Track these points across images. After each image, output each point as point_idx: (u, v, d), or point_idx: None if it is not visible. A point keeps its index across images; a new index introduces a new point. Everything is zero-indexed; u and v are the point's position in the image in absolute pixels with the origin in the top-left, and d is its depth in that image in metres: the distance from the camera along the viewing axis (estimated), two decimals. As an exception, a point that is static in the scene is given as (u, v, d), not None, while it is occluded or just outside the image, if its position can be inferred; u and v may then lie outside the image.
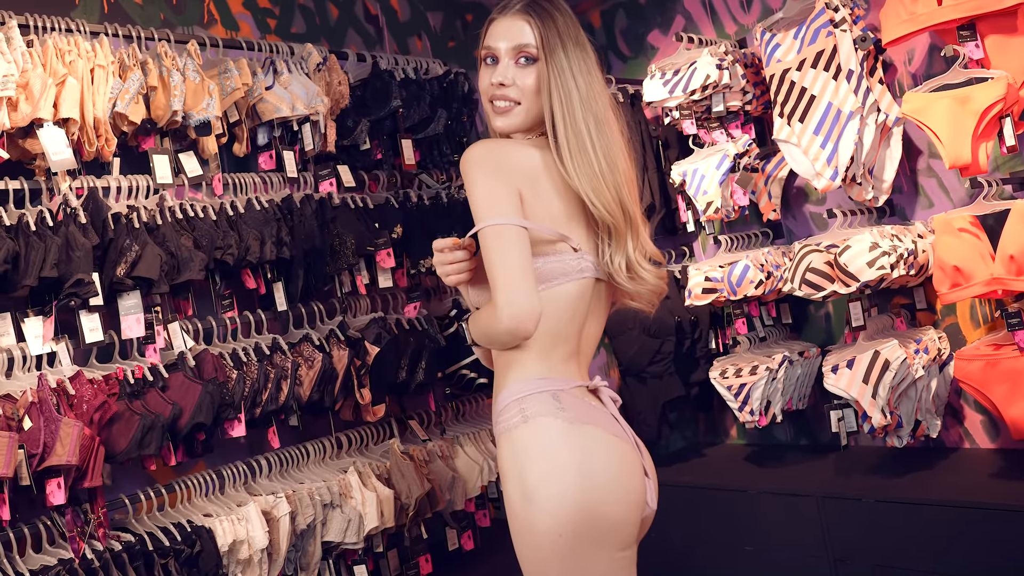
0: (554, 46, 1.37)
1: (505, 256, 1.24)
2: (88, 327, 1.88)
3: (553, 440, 1.26)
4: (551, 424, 1.27)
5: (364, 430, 2.41)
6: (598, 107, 1.37)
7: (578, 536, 1.21)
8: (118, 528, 1.96)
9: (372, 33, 2.89)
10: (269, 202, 2.21)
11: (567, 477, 1.23)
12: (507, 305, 1.22)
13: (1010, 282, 2.12)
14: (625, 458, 1.28)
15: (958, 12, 2.21)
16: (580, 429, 1.27)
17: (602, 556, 1.23)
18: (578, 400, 1.32)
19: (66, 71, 1.86)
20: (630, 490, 1.27)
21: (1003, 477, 2.32)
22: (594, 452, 1.26)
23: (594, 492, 1.23)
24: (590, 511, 1.23)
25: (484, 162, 1.30)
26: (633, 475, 1.29)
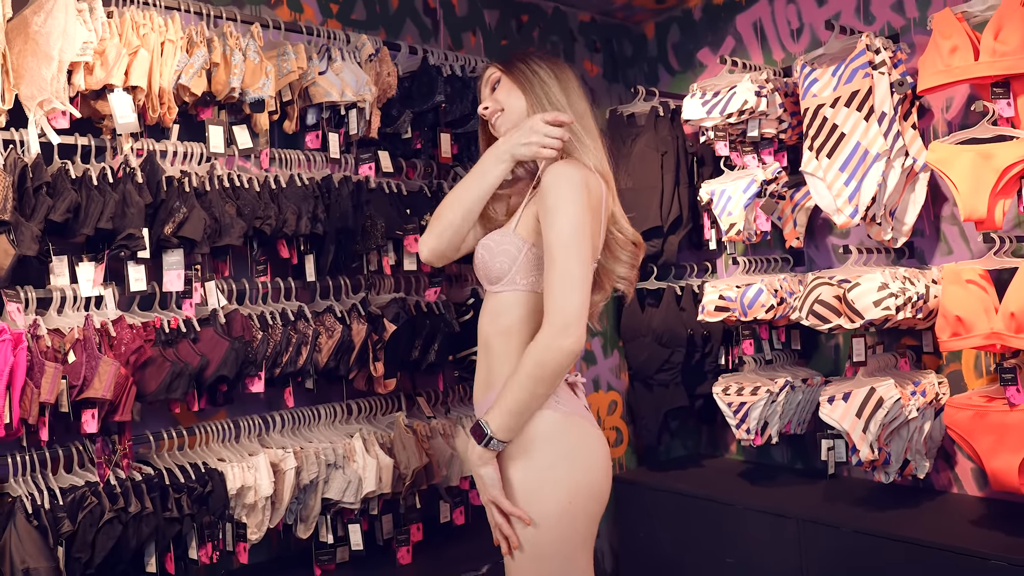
0: (511, 68, 1.63)
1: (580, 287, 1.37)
2: (134, 277, 2.06)
3: (556, 429, 1.44)
4: (550, 416, 1.44)
5: (374, 400, 2.57)
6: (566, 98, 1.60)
7: (588, 515, 1.45)
8: (141, 461, 2.15)
9: (428, 25, 3.01)
10: (310, 180, 2.37)
11: (571, 462, 1.44)
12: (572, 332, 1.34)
13: (1008, 338, 2.17)
14: (604, 445, 1.51)
15: (993, 69, 2.24)
16: (572, 419, 1.47)
17: (592, 524, 1.48)
18: (567, 394, 1.50)
19: (139, 43, 2.03)
20: (609, 470, 1.51)
21: (982, 525, 2.37)
22: (587, 439, 1.47)
23: (592, 475, 1.46)
24: (590, 493, 1.45)
25: (582, 188, 1.43)
26: (608, 457, 1.51)
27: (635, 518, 3.15)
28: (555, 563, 1.43)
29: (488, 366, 1.55)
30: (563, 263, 1.38)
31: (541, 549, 1.41)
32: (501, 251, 1.52)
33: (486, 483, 1.43)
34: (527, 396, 1.38)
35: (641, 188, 3.19)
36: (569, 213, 1.40)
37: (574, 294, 1.36)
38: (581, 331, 1.36)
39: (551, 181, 1.45)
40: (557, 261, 1.38)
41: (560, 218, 1.40)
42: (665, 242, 3.20)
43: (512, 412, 1.39)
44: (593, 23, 3.62)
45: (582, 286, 1.38)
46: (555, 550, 1.42)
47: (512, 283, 1.51)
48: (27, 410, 1.84)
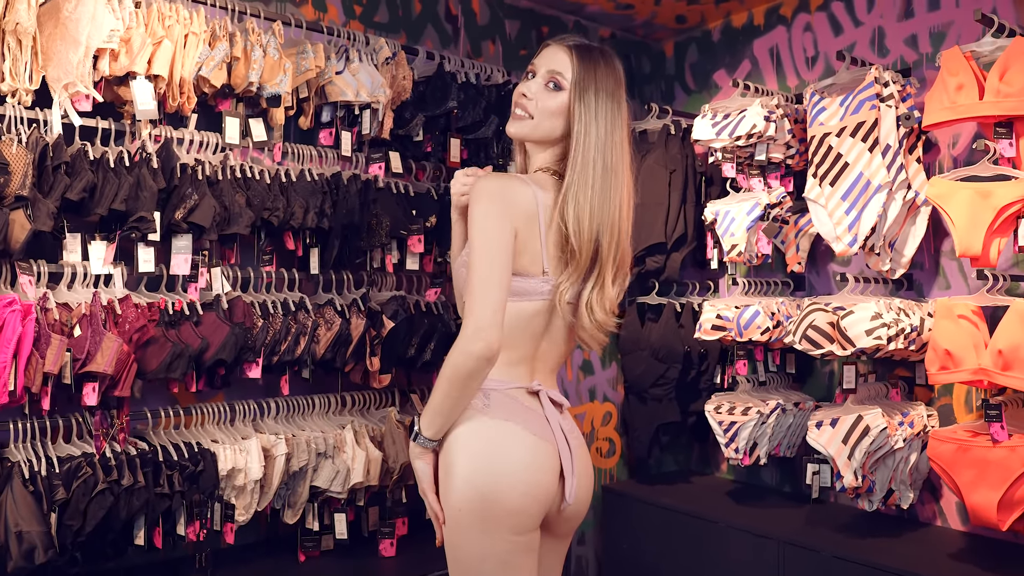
0: (586, 87, 1.52)
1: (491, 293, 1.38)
2: (143, 258, 2.14)
3: (472, 431, 1.43)
4: (474, 417, 1.44)
5: (369, 394, 2.62)
6: (613, 156, 1.51)
7: (475, 513, 1.39)
8: (137, 436, 2.22)
9: (449, 32, 3.08)
10: (320, 175, 2.43)
11: (473, 463, 1.41)
12: (483, 336, 1.35)
13: (995, 375, 2.19)
14: (538, 455, 1.44)
15: (996, 109, 2.27)
16: (498, 424, 1.43)
17: (497, 535, 1.40)
18: (509, 399, 1.47)
19: (164, 34, 2.11)
20: (534, 484, 1.42)
21: (960, 559, 2.39)
22: (504, 445, 1.42)
23: (493, 478, 1.40)
24: (487, 494, 1.39)
25: (494, 198, 1.42)
26: (542, 471, 1.44)
27: (620, 529, 3.18)
28: (465, 564, 1.42)
29: None
30: (475, 271, 1.39)
31: (451, 546, 1.44)
32: (457, 275, 1.57)
33: (419, 476, 1.47)
34: (443, 397, 1.41)
35: (648, 204, 3.23)
36: (478, 223, 1.41)
37: (485, 300, 1.37)
38: (492, 336, 1.36)
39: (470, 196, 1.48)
40: (471, 269, 1.40)
41: (473, 228, 1.42)
42: (668, 258, 3.24)
43: (434, 411, 1.43)
44: (613, 38, 3.67)
45: (492, 292, 1.38)
46: (463, 552, 1.42)
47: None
48: (31, 379, 1.92)
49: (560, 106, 1.52)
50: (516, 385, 1.50)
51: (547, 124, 1.53)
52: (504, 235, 1.42)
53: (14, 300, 1.90)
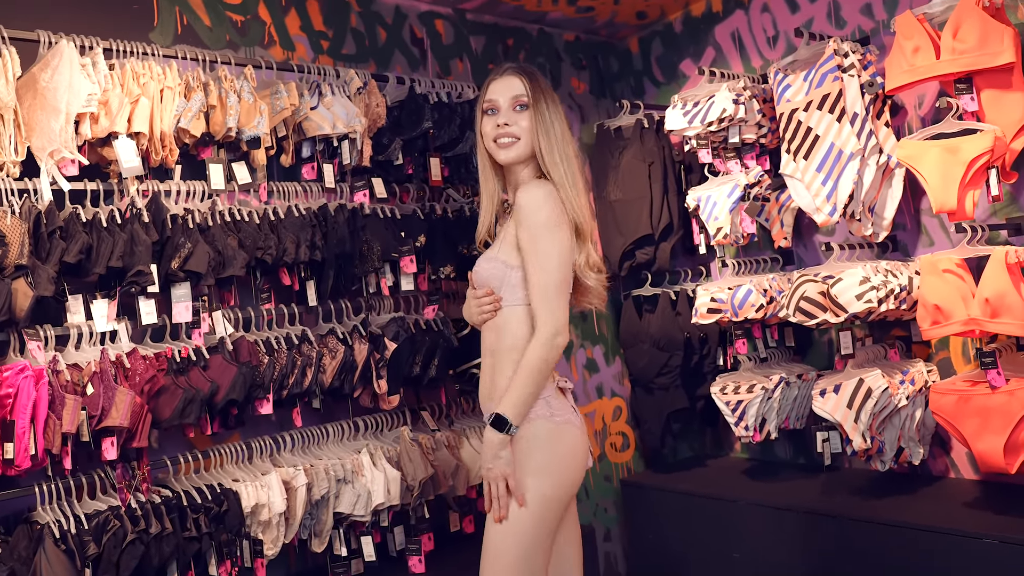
0: (538, 98, 1.80)
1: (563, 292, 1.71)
2: (145, 311, 2.19)
3: (548, 437, 1.72)
4: (545, 425, 1.73)
5: (380, 416, 2.67)
6: (568, 147, 1.81)
7: (558, 500, 1.72)
8: (159, 484, 2.26)
9: (416, 55, 3.14)
10: (307, 209, 2.49)
11: (553, 466, 1.71)
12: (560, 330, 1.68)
13: (985, 323, 2.24)
14: (585, 443, 1.77)
15: (953, 67, 2.33)
16: (564, 429, 1.73)
17: (560, 511, 1.74)
18: (559, 401, 1.76)
19: (140, 91, 2.17)
20: (584, 466, 1.78)
21: (977, 507, 2.43)
22: (575, 446, 1.74)
23: (571, 472, 1.74)
24: (566, 485, 1.73)
25: (556, 204, 1.72)
26: (587, 454, 1.79)
27: (643, 521, 3.22)
28: (528, 540, 1.69)
29: (492, 376, 1.79)
30: (551, 274, 1.69)
31: (523, 526, 1.68)
32: (489, 275, 1.80)
33: (504, 462, 1.68)
34: (532, 389, 1.69)
35: (631, 199, 3.29)
36: (550, 229, 1.70)
37: (562, 302, 1.70)
38: (567, 333, 1.71)
39: (522, 198, 1.72)
40: (545, 271, 1.69)
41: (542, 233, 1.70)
42: (657, 249, 3.30)
43: (523, 403, 1.69)
44: (578, 42, 3.73)
45: (566, 294, 1.73)
46: (533, 530, 1.69)
47: (505, 301, 1.77)
48: (51, 441, 1.96)
49: (531, 122, 1.79)
50: (554, 386, 1.77)
51: (529, 139, 1.79)
52: (571, 241, 1.74)
53: (25, 367, 1.95)
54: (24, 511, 2.08)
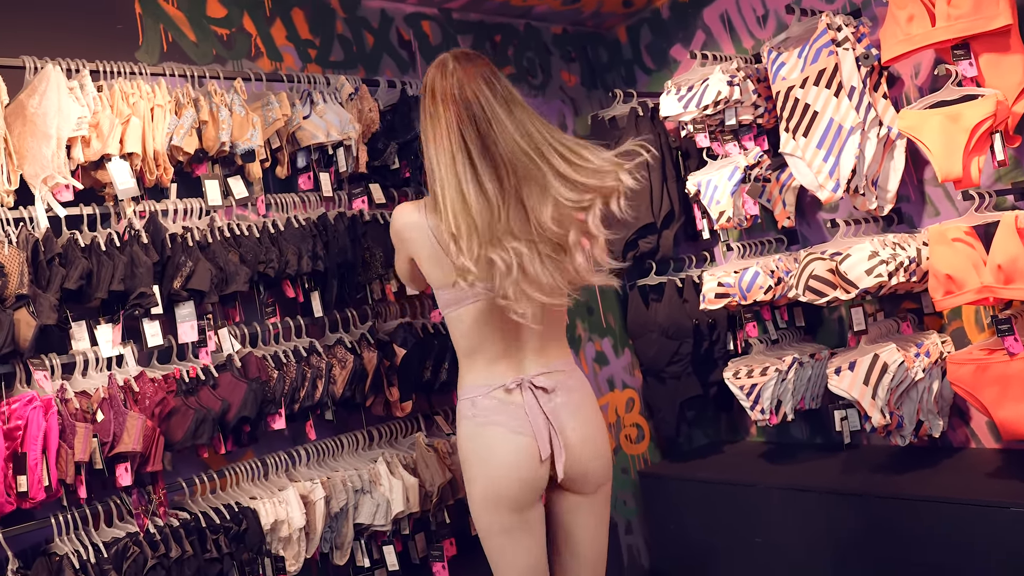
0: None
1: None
2: (150, 333, 2.16)
3: (466, 435, 1.73)
4: (467, 425, 1.74)
5: (393, 424, 2.65)
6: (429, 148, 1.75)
7: (483, 501, 1.71)
8: (176, 507, 2.24)
9: (405, 57, 3.11)
10: (306, 219, 2.46)
11: (474, 465, 1.71)
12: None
13: (999, 290, 2.22)
14: (520, 451, 1.68)
15: (950, 33, 2.30)
16: (483, 430, 1.70)
17: (499, 514, 1.71)
18: (491, 402, 1.71)
19: (130, 111, 2.14)
20: (519, 477, 1.68)
21: (1000, 477, 2.41)
22: (492, 447, 1.69)
23: (490, 473, 1.69)
24: (487, 486, 1.70)
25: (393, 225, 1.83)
26: (524, 463, 1.68)
27: (663, 511, 3.20)
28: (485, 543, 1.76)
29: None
30: None
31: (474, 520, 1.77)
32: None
33: None
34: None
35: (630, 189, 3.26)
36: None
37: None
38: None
39: None
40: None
41: None
42: (660, 237, 3.27)
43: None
44: (566, 34, 3.71)
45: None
46: (481, 533, 1.76)
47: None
48: (64, 471, 1.94)
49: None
50: (496, 386, 1.71)
51: None
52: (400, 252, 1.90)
53: (33, 397, 1.92)
54: (41, 543, 2.05)
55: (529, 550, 1.74)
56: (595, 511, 1.81)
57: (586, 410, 1.76)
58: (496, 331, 1.70)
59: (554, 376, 1.74)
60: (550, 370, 1.74)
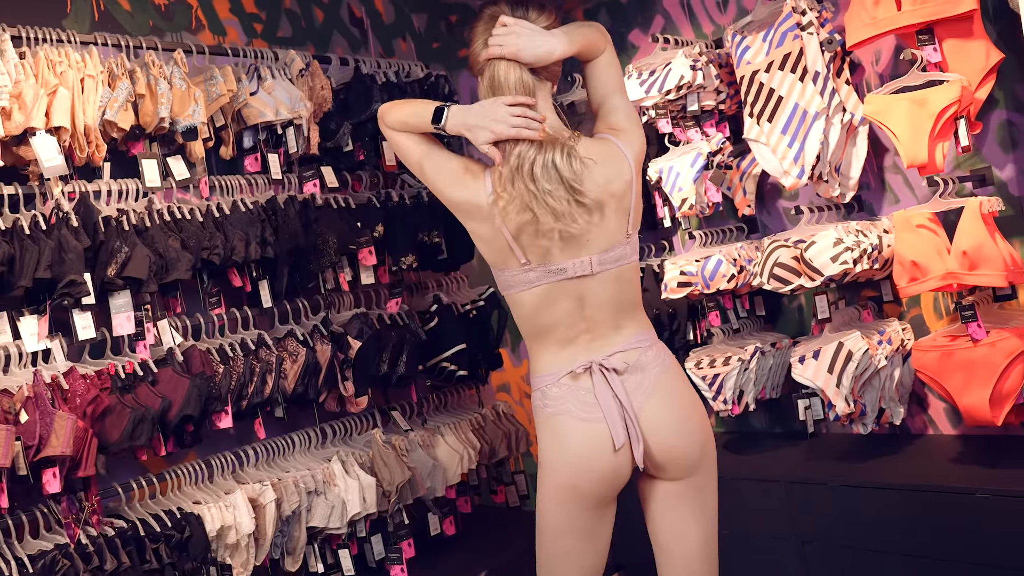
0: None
1: None
2: (81, 325, 1.98)
3: (541, 428, 1.61)
4: (539, 416, 1.61)
5: (348, 421, 2.52)
6: None
7: (552, 495, 1.57)
8: (112, 515, 2.07)
9: (357, 35, 2.97)
10: (254, 203, 2.31)
11: (547, 458, 1.58)
12: None
13: (964, 276, 2.21)
14: (592, 439, 1.54)
15: (916, 17, 2.29)
16: (554, 420, 1.58)
17: (569, 511, 1.58)
18: (561, 390, 1.58)
19: (57, 81, 1.95)
20: (591, 468, 1.55)
21: (960, 462, 2.42)
22: (564, 438, 1.56)
23: (560, 466, 1.56)
24: (559, 480, 1.57)
25: None
26: (597, 454, 1.54)
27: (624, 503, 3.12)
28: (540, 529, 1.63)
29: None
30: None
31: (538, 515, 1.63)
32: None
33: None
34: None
35: (589, 175, 3.18)
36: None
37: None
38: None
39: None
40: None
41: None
42: (620, 226, 3.20)
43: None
44: (521, 17, 3.60)
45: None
46: (540, 521, 1.62)
47: None
48: (-17, 477, 1.75)
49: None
50: (565, 372, 1.57)
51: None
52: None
53: (-53, 396, 1.73)
54: (-42, 559, 1.86)
55: (594, 553, 1.63)
56: (687, 500, 1.65)
57: (665, 387, 1.59)
58: (561, 313, 1.56)
59: (629, 354, 1.58)
60: (625, 348, 1.58)
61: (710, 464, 1.67)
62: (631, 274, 1.61)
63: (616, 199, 1.55)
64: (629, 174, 1.57)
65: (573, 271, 1.53)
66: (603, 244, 1.55)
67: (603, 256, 1.55)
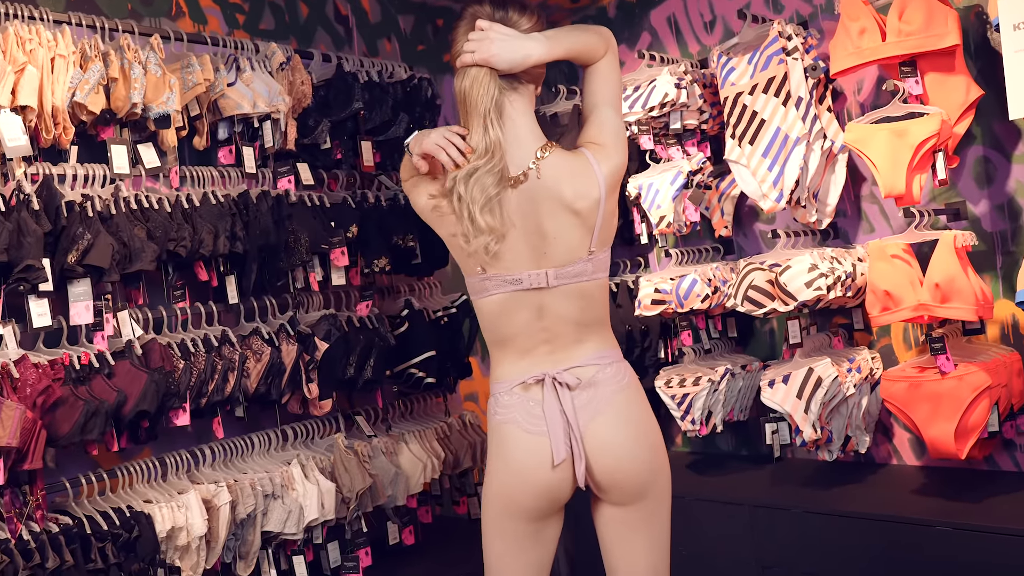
0: None
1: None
2: (36, 312, 1.91)
3: (490, 435, 1.60)
4: (490, 423, 1.60)
5: (311, 424, 2.46)
6: None
7: (492, 502, 1.56)
8: (57, 511, 1.99)
9: (341, 33, 2.93)
10: (225, 196, 2.25)
11: (491, 465, 1.57)
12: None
13: (935, 308, 2.23)
14: (533, 452, 1.51)
15: (900, 49, 2.31)
16: (501, 428, 1.56)
17: (507, 520, 1.55)
18: (511, 398, 1.56)
19: (26, 59, 1.89)
20: (528, 480, 1.52)
21: (923, 493, 2.43)
22: (503, 446, 1.55)
23: (502, 474, 1.55)
24: (498, 488, 1.55)
25: None
26: (536, 468, 1.51)
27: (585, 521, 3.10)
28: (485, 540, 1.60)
29: None
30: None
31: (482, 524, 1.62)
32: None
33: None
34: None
35: (569, 187, 3.17)
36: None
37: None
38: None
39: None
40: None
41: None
42: (597, 240, 3.18)
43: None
44: (509, 25, 3.58)
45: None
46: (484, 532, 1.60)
47: None
48: (-79, 466, 1.68)
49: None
50: (518, 381, 1.55)
51: None
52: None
53: None
54: None
55: (527, 564, 1.58)
56: (635, 526, 1.59)
57: (618, 407, 1.54)
58: (520, 323, 1.54)
59: (585, 370, 1.54)
60: (583, 363, 1.54)
61: (661, 492, 1.61)
62: (595, 292, 1.57)
63: (580, 216, 1.51)
64: (598, 192, 1.52)
65: (529, 283, 1.51)
66: (562, 259, 1.52)
67: (560, 271, 1.51)
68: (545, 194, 1.49)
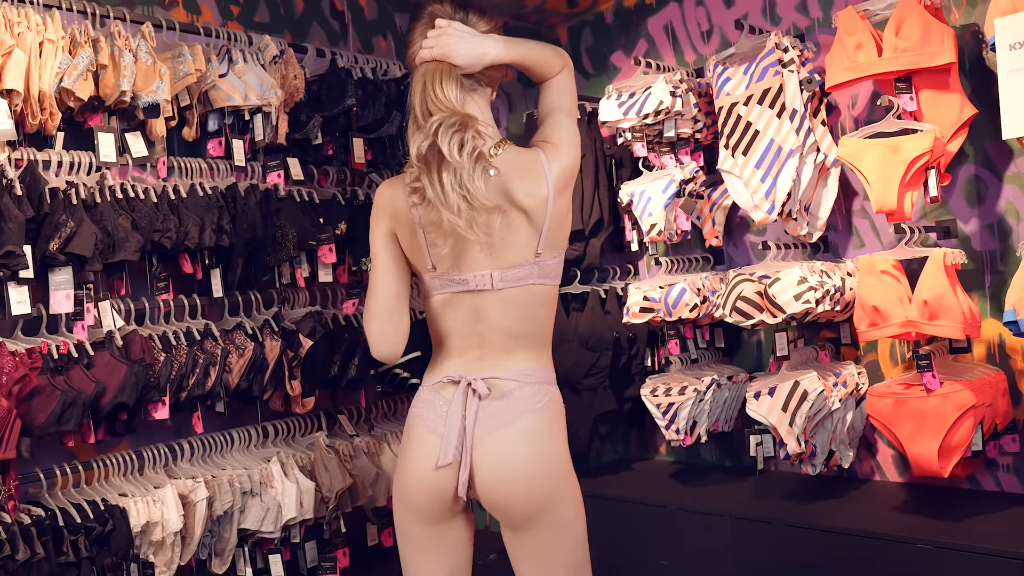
0: None
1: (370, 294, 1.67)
2: (15, 299, 1.88)
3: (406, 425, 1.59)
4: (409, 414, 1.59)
5: (292, 421, 2.43)
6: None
7: (396, 507, 1.56)
8: (30, 502, 1.95)
9: (337, 29, 2.91)
10: (213, 189, 2.23)
11: (399, 455, 1.58)
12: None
13: (923, 325, 2.22)
14: (426, 450, 1.51)
15: (895, 65, 2.31)
16: (409, 422, 1.56)
17: (405, 520, 1.54)
18: (428, 394, 1.56)
19: (13, 42, 1.86)
20: (416, 477, 1.51)
21: (905, 510, 2.43)
22: (409, 442, 1.55)
23: (399, 470, 1.55)
24: (397, 483, 1.56)
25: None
26: (423, 466, 1.50)
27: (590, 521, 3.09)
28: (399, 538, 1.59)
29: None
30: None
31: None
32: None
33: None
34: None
35: (561, 192, 3.16)
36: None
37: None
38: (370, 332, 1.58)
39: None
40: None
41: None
42: (587, 245, 3.18)
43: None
44: (506, 27, 3.56)
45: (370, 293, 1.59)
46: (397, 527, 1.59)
47: None
48: None
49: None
50: (440, 378, 1.55)
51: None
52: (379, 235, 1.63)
53: None
54: None
55: (433, 573, 1.54)
56: (524, 551, 1.50)
57: (520, 430, 1.47)
58: (456, 323, 1.54)
59: (503, 383, 1.50)
60: (504, 376, 1.50)
61: (561, 523, 1.49)
62: (536, 301, 1.52)
63: (527, 215, 1.48)
64: (545, 191, 1.48)
65: (474, 283, 1.49)
66: (508, 260, 1.49)
67: (505, 273, 1.48)
68: (497, 191, 1.46)
